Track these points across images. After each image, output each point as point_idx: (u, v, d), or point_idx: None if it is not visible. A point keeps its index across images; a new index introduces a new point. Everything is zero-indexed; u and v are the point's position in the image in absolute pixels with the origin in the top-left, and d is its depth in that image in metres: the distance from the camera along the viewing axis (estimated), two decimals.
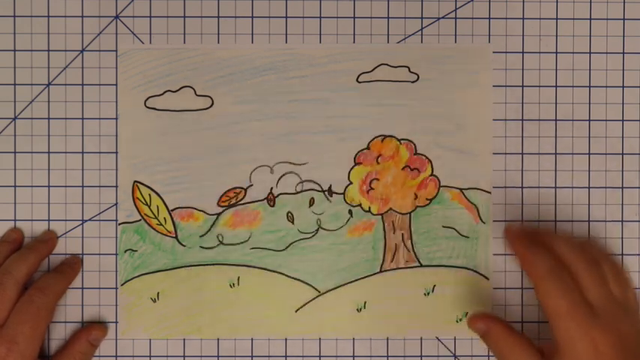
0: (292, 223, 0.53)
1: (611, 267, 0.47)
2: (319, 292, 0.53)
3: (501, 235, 0.52)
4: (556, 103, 0.53)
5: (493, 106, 0.53)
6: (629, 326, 0.46)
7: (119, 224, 0.52)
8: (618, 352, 0.44)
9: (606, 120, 0.53)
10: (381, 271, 0.53)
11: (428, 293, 0.53)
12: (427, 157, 0.53)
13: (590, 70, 0.53)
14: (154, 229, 0.52)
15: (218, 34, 0.53)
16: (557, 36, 0.53)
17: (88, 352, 0.51)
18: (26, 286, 0.50)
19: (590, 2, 0.53)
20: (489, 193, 0.53)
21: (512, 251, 0.48)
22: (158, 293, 0.52)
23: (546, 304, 0.45)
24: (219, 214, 0.52)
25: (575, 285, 0.45)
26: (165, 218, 0.52)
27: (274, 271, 0.52)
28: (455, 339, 0.53)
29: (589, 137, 0.53)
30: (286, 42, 0.53)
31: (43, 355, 0.52)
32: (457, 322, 0.53)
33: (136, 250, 0.52)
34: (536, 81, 0.53)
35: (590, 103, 0.53)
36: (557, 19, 0.53)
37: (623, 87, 0.53)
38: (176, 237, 0.52)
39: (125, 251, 0.52)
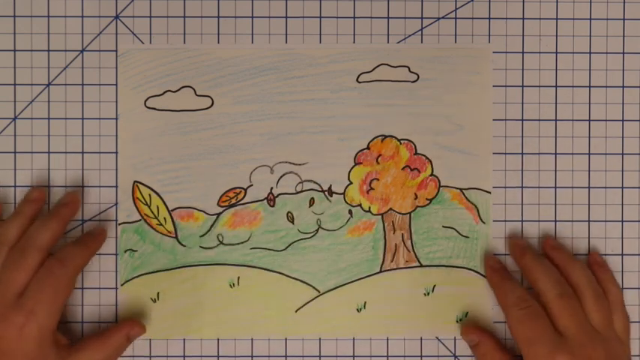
0: (292, 223, 0.53)
1: (592, 295, 0.49)
2: (319, 292, 0.53)
3: (501, 235, 0.53)
4: (556, 103, 0.53)
5: (493, 106, 0.53)
6: (601, 352, 0.47)
7: (119, 224, 0.52)
8: None
9: (606, 120, 0.53)
10: (381, 271, 0.53)
11: (428, 293, 0.53)
12: (427, 157, 0.53)
13: (590, 70, 0.53)
14: (154, 229, 0.52)
15: (218, 34, 0.53)
16: (557, 36, 0.53)
17: (122, 347, 0.50)
18: (51, 252, 0.48)
19: (590, 2, 0.53)
20: (489, 193, 0.53)
21: (488, 281, 0.52)
22: (158, 293, 0.52)
23: (515, 331, 0.49)
24: (219, 214, 0.52)
25: (543, 314, 0.48)
26: (165, 218, 0.52)
27: (274, 271, 0.52)
28: (455, 339, 0.53)
29: (589, 137, 0.53)
30: (286, 42, 0.53)
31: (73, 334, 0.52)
32: (457, 322, 0.53)
33: (136, 250, 0.52)
34: (536, 81, 0.53)
35: (590, 103, 0.53)
36: (557, 19, 0.53)
37: (623, 87, 0.53)
38: (176, 237, 0.52)
39: (125, 251, 0.52)
